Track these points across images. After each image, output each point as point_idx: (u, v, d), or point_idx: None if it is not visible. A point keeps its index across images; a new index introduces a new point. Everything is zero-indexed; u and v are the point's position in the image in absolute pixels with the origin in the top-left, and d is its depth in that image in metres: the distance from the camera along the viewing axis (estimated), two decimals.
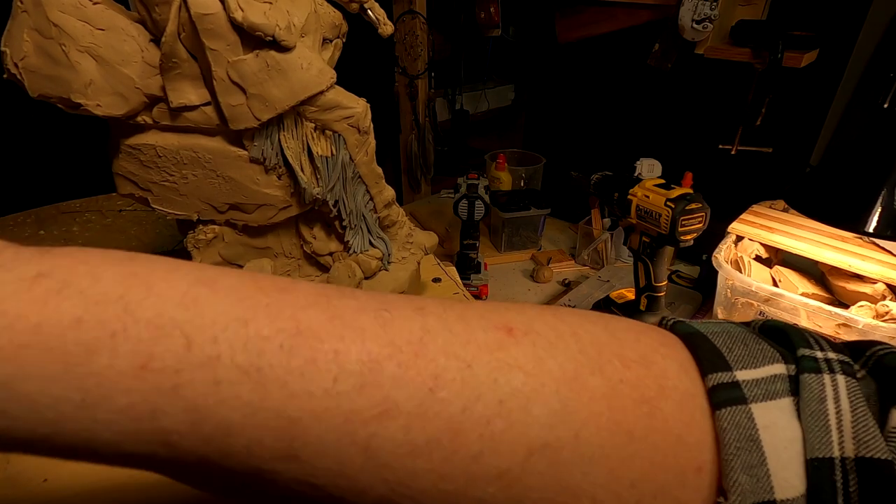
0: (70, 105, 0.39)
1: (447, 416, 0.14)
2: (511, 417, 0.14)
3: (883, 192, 0.53)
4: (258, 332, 0.13)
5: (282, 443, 0.13)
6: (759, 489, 0.15)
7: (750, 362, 0.16)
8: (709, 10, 0.81)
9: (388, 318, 0.15)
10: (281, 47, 0.39)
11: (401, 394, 0.14)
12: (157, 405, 0.12)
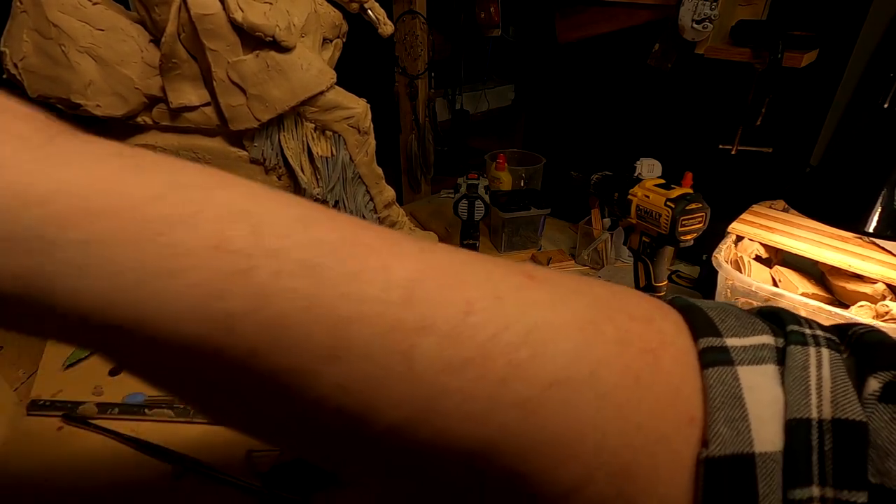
0: (69, 105, 0.39)
1: (478, 340, 0.15)
2: (535, 349, 0.15)
3: (883, 192, 0.53)
4: (318, 236, 0.14)
5: (330, 340, 0.13)
6: (739, 441, 0.16)
7: (740, 332, 0.18)
8: (709, 10, 0.81)
9: (426, 247, 0.16)
10: (281, 48, 0.39)
11: (438, 313, 0.14)
12: (226, 286, 0.13)
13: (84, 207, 0.12)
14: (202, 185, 0.14)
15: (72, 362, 0.53)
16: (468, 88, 1.34)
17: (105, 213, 0.12)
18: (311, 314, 0.13)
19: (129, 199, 0.12)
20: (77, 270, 0.12)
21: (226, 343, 0.13)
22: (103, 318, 0.12)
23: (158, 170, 0.13)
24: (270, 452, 0.43)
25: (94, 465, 0.43)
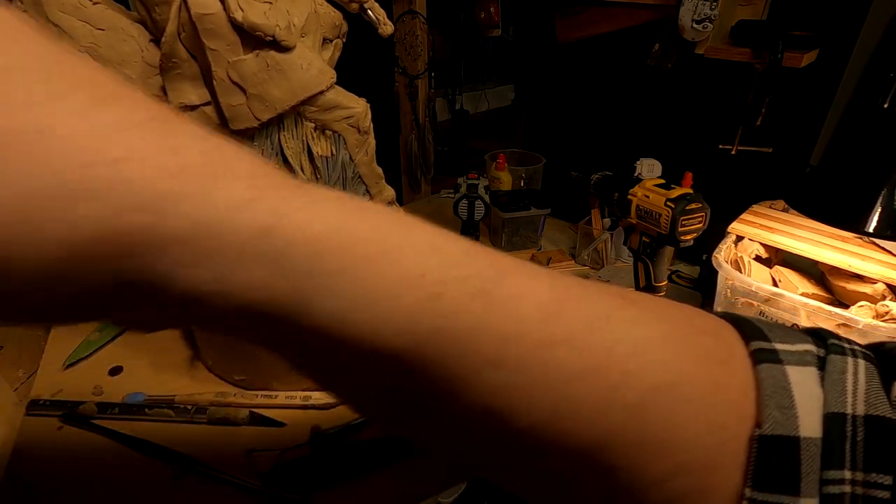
0: None
1: (598, 351, 0.18)
2: (640, 360, 0.18)
3: (883, 192, 0.53)
4: (482, 264, 0.17)
5: (494, 351, 0.16)
6: (787, 425, 0.18)
7: (786, 339, 0.21)
8: (709, 10, 0.81)
9: (553, 273, 0.19)
10: (281, 47, 0.39)
11: (570, 329, 0.18)
12: (428, 306, 0.16)
13: (336, 243, 0.15)
14: (400, 224, 0.17)
15: (72, 362, 0.53)
16: (468, 88, 1.34)
17: (346, 249, 0.15)
18: (482, 330, 0.16)
19: (361, 236, 0.16)
20: (326, 292, 0.15)
21: (421, 352, 0.16)
22: (340, 333, 0.15)
23: (370, 212, 0.17)
24: (270, 452, 0.43)
25: (94, 465, 0.43)
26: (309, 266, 0.15)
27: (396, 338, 0.16)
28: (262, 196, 0.14)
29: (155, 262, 0.13)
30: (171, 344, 0.56)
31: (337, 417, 0.47)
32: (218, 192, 0.14)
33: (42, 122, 0.12)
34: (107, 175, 0.12)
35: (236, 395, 0.48)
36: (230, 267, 0.14)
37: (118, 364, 0.54)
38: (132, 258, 0.13)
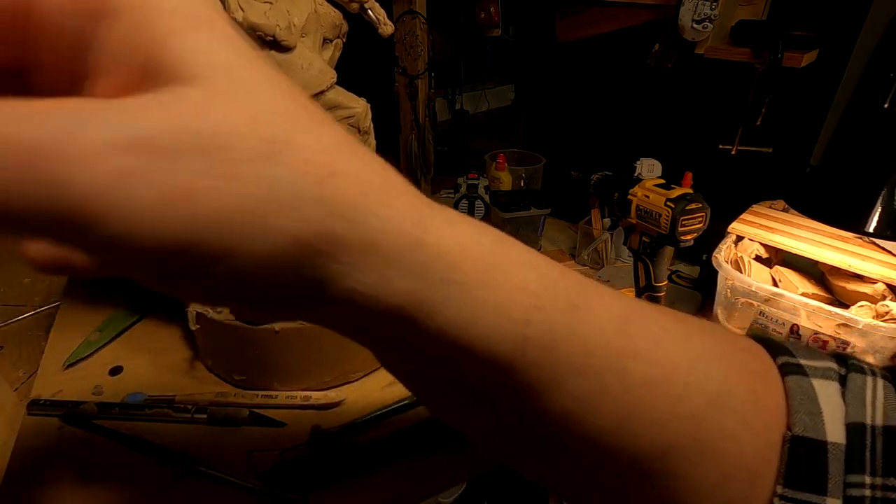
0: None
1: (664, 363, 0.19)
2: (699, 373, 0.20)
3: (883, 192, 0.53)
4: (570, 281, 0.19)
5: (579, 359, 0.18)
6: (816, 429, 0.20)
7: (809, 357, 0.23)
8: (709, 10, 0.81)
9: (617, 291, 0.21)
10: (281, 47, 0.39)
11: (640, 343, 0.19)
12: (528, 316, 0.17)
13: (462, 257, 0.17)
14: (503, 241, 0.19)
15: (72, 362, 0.53)
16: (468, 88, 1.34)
17: (471, 262, 0.17)
18: (571, 340, 0.18)
19: (481, 251, 0.18)
20: (452, 300, 0.17)
21: (519, 358, 0.17)
22: (456, 336, 0.17)
23: (484, 229, 0.19)
24: (270, 452, 0.43)
25: (94, 465, 0.43)
26: (442, 276, 0.16)
27: (500, 344, 0.17)
28: (417, 213, 0.16)
29: (333, 264, 0.15)
30: (171, 344, 0.56)
31: (337, 417, 0.47)
32: (391, 208, 0.16)
33: (285, 136, 0.14)
34: (328, 185, 0.15)
35: (236, 395, 0.48)
36: (389, 273, 0.16)
37: (118, 364, 0.54)
38: (318, 258, 0.15)
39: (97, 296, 0.64)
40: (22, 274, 0.76)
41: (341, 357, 0.49)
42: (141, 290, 0.64)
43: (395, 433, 0.44)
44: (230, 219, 0.13)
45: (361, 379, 0.52)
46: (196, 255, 0.13)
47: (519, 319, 0.17)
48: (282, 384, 0.49)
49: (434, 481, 0.42)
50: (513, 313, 0.17)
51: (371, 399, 0.49)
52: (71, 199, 0.11)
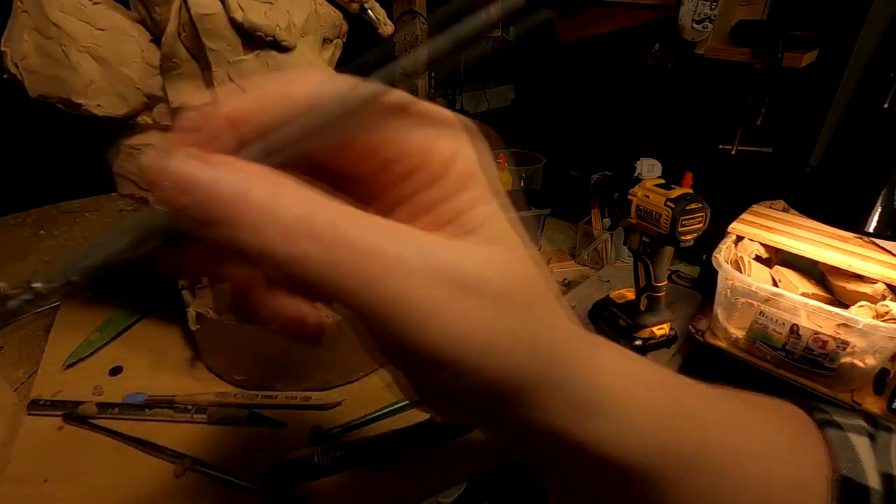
0: (70, 105, 0.39)
1: (755, 456, 0.23)
2: (781, 462, 0.23)
3: (883, 192, 0.53)
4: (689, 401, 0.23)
5: (704, 462, 0.21)
6: (858, 474, 0.23)
7: (842, 415, 0.26)
8: (709, 10, 0.81)
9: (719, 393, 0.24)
10: (281, 47, 0.39)
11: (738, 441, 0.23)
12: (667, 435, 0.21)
13: (620, 390, 0.20)
14: (644, 364, 0.22)
15: (72, 362, 0.53)
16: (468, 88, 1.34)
17: (626, 393, 0.20)
18: (701, 453, 0.21)
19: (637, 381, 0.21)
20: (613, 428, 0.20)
21: (654, 469, 0.21)
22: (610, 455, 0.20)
23: (640, 363, 0.22)
24: (270, 452, 0.43)
25: (94, 464, 0.43)
26: (607, 410, 0.20)
27: (644, 458, 0.20)
28: (590, 356, 0.20)
29: (531, 398, 0.18)
30: (172, 344, 0.56)
31: (337, 417, 0.47)
32: (580, 356, 0.19)
33: (538, 293, 0.18)
34: (554, 335, 0.19)
35: (236, 396, 0.48)
36: (570, 412, 0.19)
37: (118, 364, 0.54)
38: (523, 393, 0.18)
39: (97, 296, 0.64)
40: (22, 274, 0.76)
41: (341, 357, 0.49)
42: (141, 291, 0.64)
43: (396, 433, 0.44)
44: (489, 349, 0.17)
45: (361, 379, 0.52)
46: (448, 366, 0.16)
47: (664, 437, 0.21)
48: (282, 384, 0.49)
49: (434, 481, 0.42)
50: (656, 434, 0.21)
51: (371, 399, 0.49)
52: (382, 300, 0.15)
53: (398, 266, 0.15)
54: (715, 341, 0.73)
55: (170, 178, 0.15)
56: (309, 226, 0.15)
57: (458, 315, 0.16)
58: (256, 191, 0.15)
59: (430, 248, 0.16)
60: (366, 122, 0.17)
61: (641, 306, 0.71)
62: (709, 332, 0.75)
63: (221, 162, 0.15)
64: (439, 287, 0.16)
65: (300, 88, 0.17)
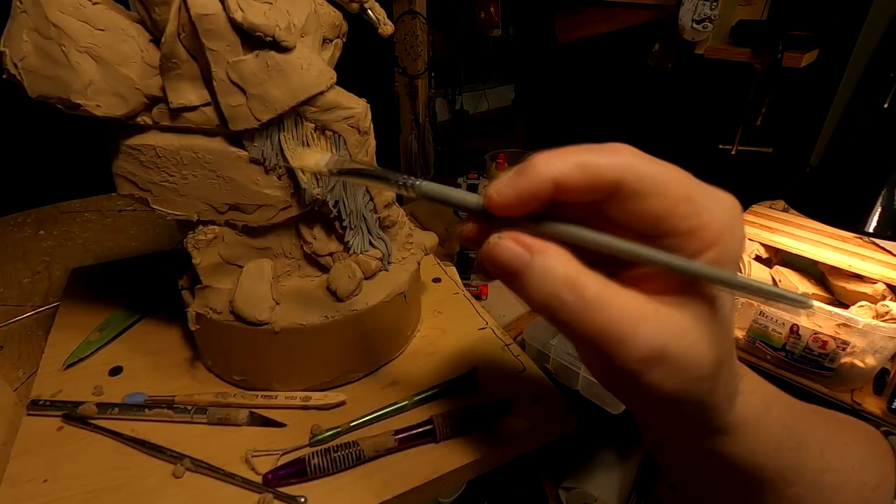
0: (69, 105, 0.39)
1: (845, 471, 0.27)
2: (868, 469, 0.28)
3: (883, 192, 0.53)
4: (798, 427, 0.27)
5: (797, 477, 0.27)
6: None
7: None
8: (709, 10, 0.81)
9: (820, 422, 0.29)
10: (281, 48, 0.39)
11: (832, 459, 0.27)
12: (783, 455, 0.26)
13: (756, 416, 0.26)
14: (771, 405, 0.27)
15: (72, 362, 0.53)
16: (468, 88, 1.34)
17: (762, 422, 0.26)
18: (801, 471, 0.26)
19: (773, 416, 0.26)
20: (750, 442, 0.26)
21: (764, 478, 0.26)
22: (741, 459, 0.26)
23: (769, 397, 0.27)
24: (270, 452, 0.43)
25: (93, 465, 0.43)
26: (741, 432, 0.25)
27: (764, 471, 0.26)
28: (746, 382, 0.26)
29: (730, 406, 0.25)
30: (171, 344, 0.56)
31: (337, 417, 0.47)
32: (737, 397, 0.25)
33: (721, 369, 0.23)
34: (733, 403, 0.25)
35: (236, 395, 0.48)
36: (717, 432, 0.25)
37: (118, 364, 0.54)
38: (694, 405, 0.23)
39: (97, 296, 0.64)
40: (22, 274, 0.76)
41: (341, 357, 0.49)
42: (141, 291, 0.64)
43: (396, 433, 0.44)
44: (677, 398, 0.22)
45: (361, 379, 0.52)
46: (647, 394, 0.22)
47: (782, 457, 0.26)
48: (282, 384, 0.49)
49: (434, 481, 0.42)
50: (776, 451, 0.26)
51: (371, 399, 0.49)
52: (614, 341, 0.21)
53: (625, 341, 0.21)
54: None
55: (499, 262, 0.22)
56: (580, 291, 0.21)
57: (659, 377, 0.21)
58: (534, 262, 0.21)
59: (650, 332, 0.21)
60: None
61: None
62: None
63: (540, 250, 0.21)
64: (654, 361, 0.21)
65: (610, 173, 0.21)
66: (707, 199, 0.21)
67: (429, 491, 0.42)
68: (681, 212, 0.21)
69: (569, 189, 0.21)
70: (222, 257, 0.48)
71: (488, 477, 1.08)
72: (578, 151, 0.21)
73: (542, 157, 0.21)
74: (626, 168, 0.21)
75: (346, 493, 0.41)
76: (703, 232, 0.21)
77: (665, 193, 0.21)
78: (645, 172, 0.21)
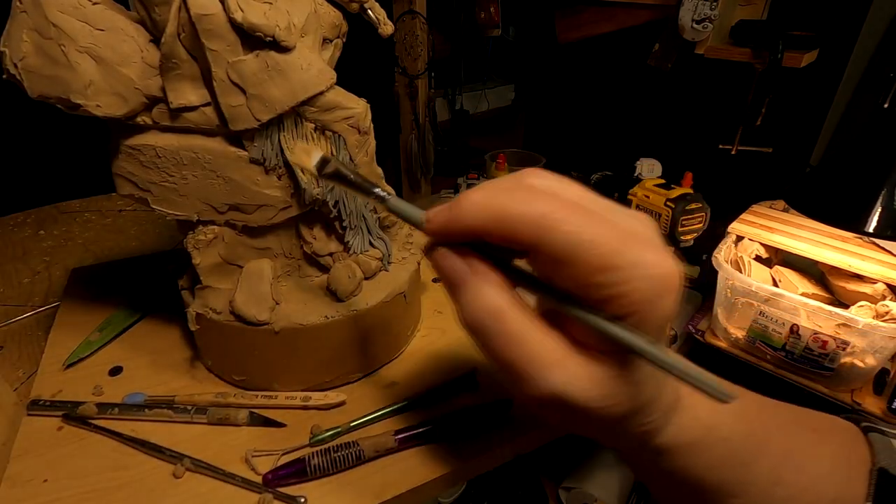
0: (69, 105, 0.39)
1: (801, 486, 0.27)
2: (826, 482, 0.27)
3: (883, 192, 0.53)
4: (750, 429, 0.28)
5: (743, 486, 0.27)
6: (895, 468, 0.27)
7: (888, 426, 0.30)
8: (709, 10, 0.81)
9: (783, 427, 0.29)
10: (281, 47, 0.39)
11: (785, 475, 0.27)
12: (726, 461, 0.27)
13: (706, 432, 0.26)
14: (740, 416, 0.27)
15: (72, 362, 0.53)
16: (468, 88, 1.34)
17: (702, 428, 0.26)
18: (744, 470, 0.27)
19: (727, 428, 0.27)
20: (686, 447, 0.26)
21: (716, 473, 0.27)
22: (680, 464, 0.26)
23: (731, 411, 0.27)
24: (270, 452, 0.43)
25: (93, 464, 0.43)
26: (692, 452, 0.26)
27: (707, 484, 0.27)
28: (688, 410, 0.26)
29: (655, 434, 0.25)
30: (171, 344, 0.56)
31: (337, 417, 0.47)
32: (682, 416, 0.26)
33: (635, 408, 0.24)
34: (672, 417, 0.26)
35: (236, 395, 0.48)
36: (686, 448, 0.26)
37: (118, 364, 0.54)
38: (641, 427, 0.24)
39: (97, 296, 0.64)
40: (22, 274, 0.76)
41: (341, 357, 0.49)
42: (141, 291, 0.64)
43: (396, 433, 0.44)
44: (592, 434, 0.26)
45: (361, 379, 0.52)
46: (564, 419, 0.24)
47: (717, 469, 0.27)
48: (282, 384, 0.49)
49: (434, 481, 0.42)
50: (717, 468, 0.27)
51: (371, 399, 0.49)
52: (520, 377, 0.22)
53: (527, 382, 0.22)
54: (715, 341, 0.73)
55: (441, 271, 0.24)
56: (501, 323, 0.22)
57: (556, 418, 0.23)
58: (470, 281, 0.23)
59: (555, 377, 0.21)
60: None
61: None
62: (709, 332, 0.75)
63: (478, 273, 0.23)
64: (538, 403, 0.22)
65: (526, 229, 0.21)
66: (631, 269, 0.19)
67: (429, 491, 0.42)
68: (596, 281, 0.20)
69: (489, 239, 0.21)
70: (222, 257, 0.48)
71: (488, 477, 1.08)
72: (503, 198, 0.21)
73: (469, 200, 0.21)
74: (542, 233, 0.20)
75: (346, 493, 0.41)
76: (619, 301, 0.20)
77: (580, 263, 0.20)
78: (560, 241, 0.20)
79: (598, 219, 0.20)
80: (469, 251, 0.23)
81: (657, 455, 0.26)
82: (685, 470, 0.26)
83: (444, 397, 0.49)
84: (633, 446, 0.26)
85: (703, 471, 0.26)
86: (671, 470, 0.27)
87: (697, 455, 0.26)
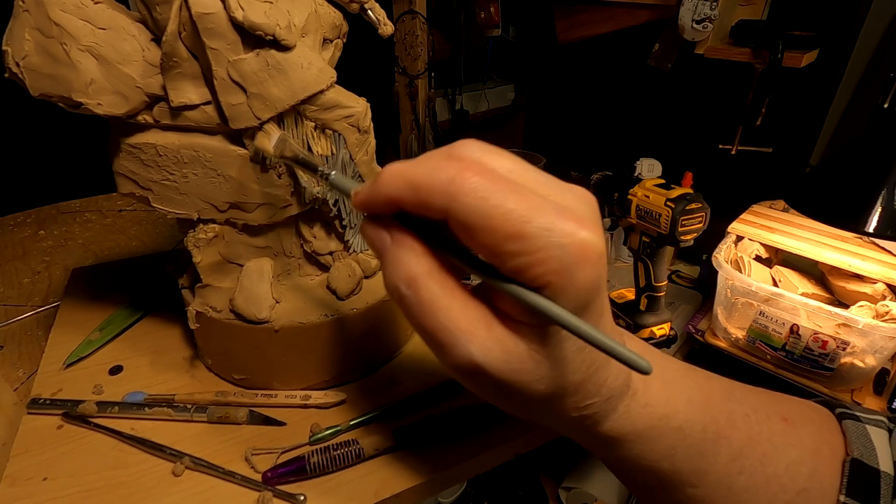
0: (71, 104, 0.39)
1: (765, 476, 0.27)
2: (792, 475, 0.27)
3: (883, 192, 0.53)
4: (712, 416, 0.28)
5: (699, 477, 0.27)
6: (870, 458, 0.27)
7: (864, 412, 0.30)
8: (709, 10, 0.81)
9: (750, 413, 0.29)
10: (281, 46, 0.39)
11: (746, 464, 0.27)
12: (677, 447, 0.27)
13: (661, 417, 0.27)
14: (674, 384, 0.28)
15: (72, 361, 0.53)
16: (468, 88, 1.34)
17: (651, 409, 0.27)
18: (701, 462, 0.27)
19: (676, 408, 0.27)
20: (636, 436, 0.27)
21: (669, 462, 0.27)
22: (630, 452, 0.27)
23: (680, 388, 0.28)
24: (270, 451, 0.43)
25: (93, 463, 0.43)
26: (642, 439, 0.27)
27: (660, 472, 0.27)
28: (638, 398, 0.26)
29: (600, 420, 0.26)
30: (172, 343, 0.56)
31: (337, 417, 0.47)
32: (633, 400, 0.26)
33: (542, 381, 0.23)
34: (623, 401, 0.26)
35: (236, 395, 0.48)
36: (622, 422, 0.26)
37: (118, 364, 0.54)
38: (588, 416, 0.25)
39: (97, 295, 0.64)
40: (22, 274, 0.76)
41: (341, 356, 0.49)
42: (141, 290, 0.64)
43: (395, 431, 0.44)
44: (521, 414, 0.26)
45: (361, 379, 0.52)
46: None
47: (669, 457, 0.27)
48: (281, 383, 0.49)
49: (434, 480, 0.42)
50: (669, 456, 0.27)
51: (371, 398, 0.49)
52: (437, 346, 0.22)
53: (450, 348, 0.22)
54: (715, 341, 0.73)
55: (367, 239, 0.24)
56: (416, 290, 0.22)
57: (475, 388, 0.24)
58: (389, 249, 0.23)
59: (472, 347, 0.21)
60: None
61: (641, 306, 0.70)
62: (709, 332, 0.75)
63: (396, 241, 0.23)
64: (458, 373, 0.23)
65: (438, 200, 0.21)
66: (541, 237, 0.19)
67: (428, 490, 0.42)
68: (506, 249, 0.19)
69: (407, 208, 0.21)
70: (223, 256, 0.48)
71: (488, 477, 1.08)
72: (418, 167, 0.21)
73: (388, 171, 0.21)
74: (449, 200, 0.20)
75: (345, 492, 0.41)
76: (533, 271, 0.19)
77: (490, 230, 0.19)
78: (468, 207, 0.19)
79: (513, 187, 0.19)
80: (392, 221, 0.23)
81: (606, 443, 0.26)
82: (638, 459, 0.26)
83: (443, 396, 0.49)
84: (579, 432, 0.26)
85: (656, 460, 0.26)
86: (624, 458, 0.27)
87: (649, 444, 0.26)
